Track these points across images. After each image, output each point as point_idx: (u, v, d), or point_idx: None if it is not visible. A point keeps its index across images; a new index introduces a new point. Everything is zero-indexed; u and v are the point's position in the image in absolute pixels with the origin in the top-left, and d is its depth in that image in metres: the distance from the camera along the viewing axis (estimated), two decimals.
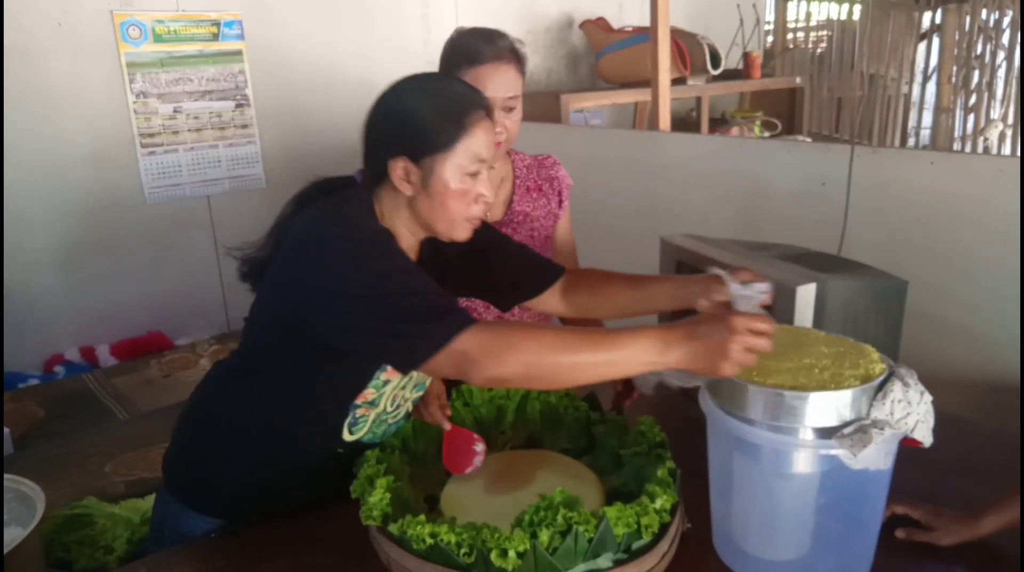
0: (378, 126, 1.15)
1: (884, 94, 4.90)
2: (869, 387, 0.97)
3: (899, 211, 2.33)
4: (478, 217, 1.16)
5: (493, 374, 0.98)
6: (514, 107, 1.51)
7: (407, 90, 1.14)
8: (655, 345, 0.96)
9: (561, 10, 4.41)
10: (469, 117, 1.11)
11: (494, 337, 0.98)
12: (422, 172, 1.11)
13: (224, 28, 3.31)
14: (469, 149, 1.11)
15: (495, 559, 0.95)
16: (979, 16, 4.40)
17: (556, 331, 1.00)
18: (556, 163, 1.73)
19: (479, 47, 1.48)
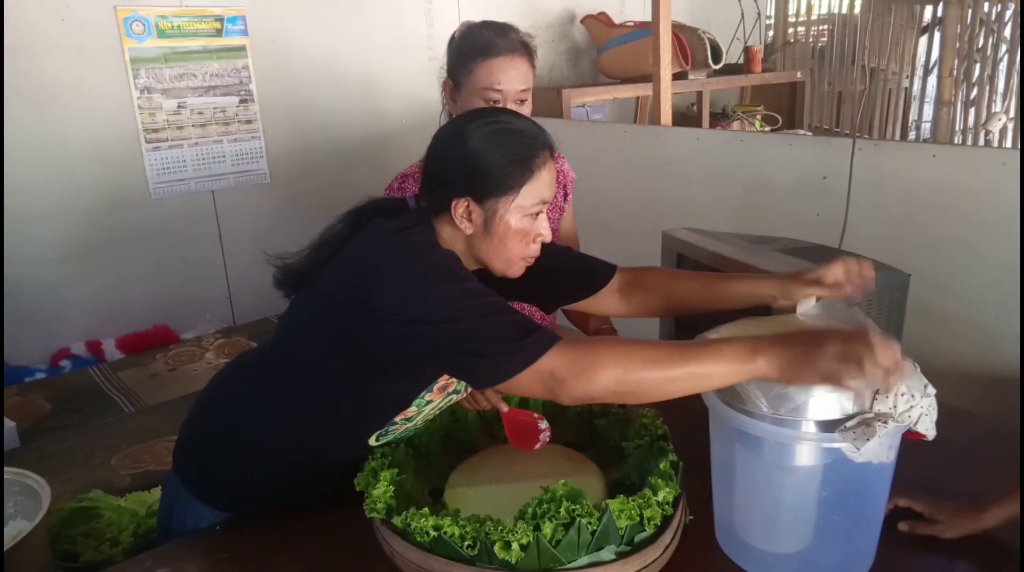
0: (443, 163, 1.14)
1: (885, 88, 4.89)
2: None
3: (901, 204, 2.33)
4: (534, 256, 1.17)
5: (581, 393, 0.98)
6: (526, 99, 1.51)
7: (475, 129, 1.12)
8: (744, 352, 0.95)
9: (563, 5, 4.40)
10: (536, 160, 1.11)
11: (581, 355, 0.97)
12: (485, 213, 1.11)
13: (228, 24, 3.31)
14: (534, 192, 1.12)
15: (498, 551, 0.96)
16: (981, 9, 4.39)
17: (642, 346, 0.99)
18: (560, 157, 1.73)
19: (493, 39, 1.49)
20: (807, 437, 0.99)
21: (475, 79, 1.49)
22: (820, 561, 1.06)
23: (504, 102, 1.48)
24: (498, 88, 1.47)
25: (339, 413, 1.17)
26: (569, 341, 0.99)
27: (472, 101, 1.50)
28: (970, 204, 2.19)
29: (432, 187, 1.16)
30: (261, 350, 1.29)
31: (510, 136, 1.12)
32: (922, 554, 1.10)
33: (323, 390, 1.16)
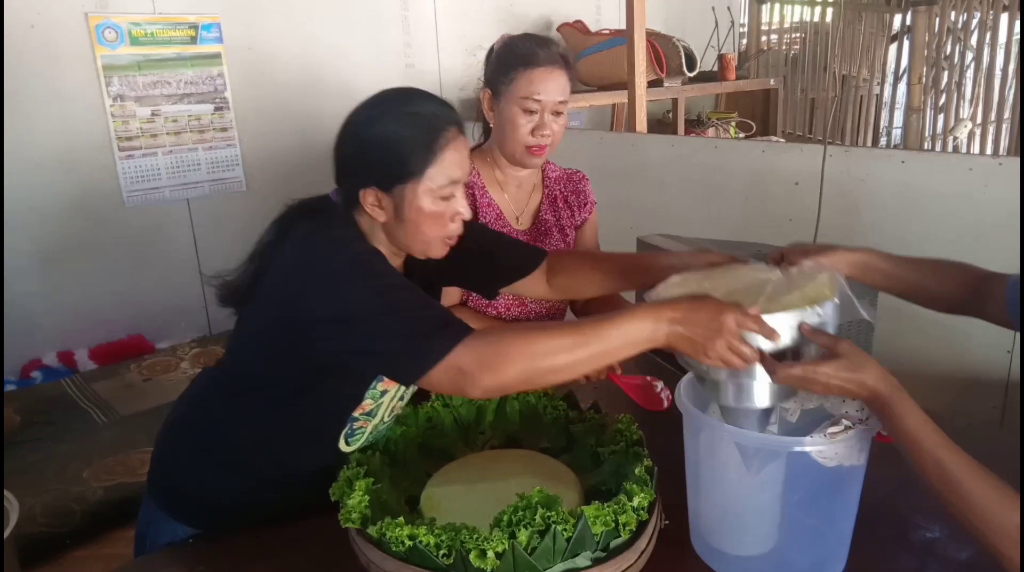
0: (345, 154, 1.14)
1: (856, 95, 4.97)
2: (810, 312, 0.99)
3: (871, 209, 2.37)
4: (455, 235, 1.17)
5: (490, 385, 0.98)
6: (562, 112, 1.52)
7: (373, 116, 1.12)
8: (645, 327, 0.98)
9: (539, 13, 4.43)
10: (439, 141, 1.09)
11: (487, 348, 0.98)
12: (394, 200, 1.10)
13: (202, 31, 3.29)
14: (441, 173, 1.10)
15: (474, 560, 0.96)
16: (948, 18, 4.48)
17: (548, 331, 1.01)
18: (584, 179, 1.76)
19: (535, 50, 1.49)
20: (777, 443, 1.00)
21: (515, 88, 1.50)
22: (793, 564, 1.07)
23: (542, 112, 1.50)
24: (537, 98, 1.49)
25: (299, 420, 1.18)
26: (479, 334, 0.99)
27: (510, 110, 1.51)
28: (939, 208, 2.24)
29: (341, 180, 1.16)
30: (221, 366, 1.29)
31: (409, 120, 1.10)
32: (895, 555, 1.12)
33: (279, 400, 1.17)
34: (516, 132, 1.51)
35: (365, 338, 1.02)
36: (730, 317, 0.96)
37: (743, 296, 1.03)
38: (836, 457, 0.97)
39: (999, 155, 4.21)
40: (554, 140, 1.54)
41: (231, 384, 1.23)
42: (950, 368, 2.21)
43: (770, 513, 1.05)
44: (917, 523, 1.17)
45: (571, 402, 1.37)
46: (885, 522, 1.16)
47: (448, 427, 1.35)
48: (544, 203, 1.68)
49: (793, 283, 1.07)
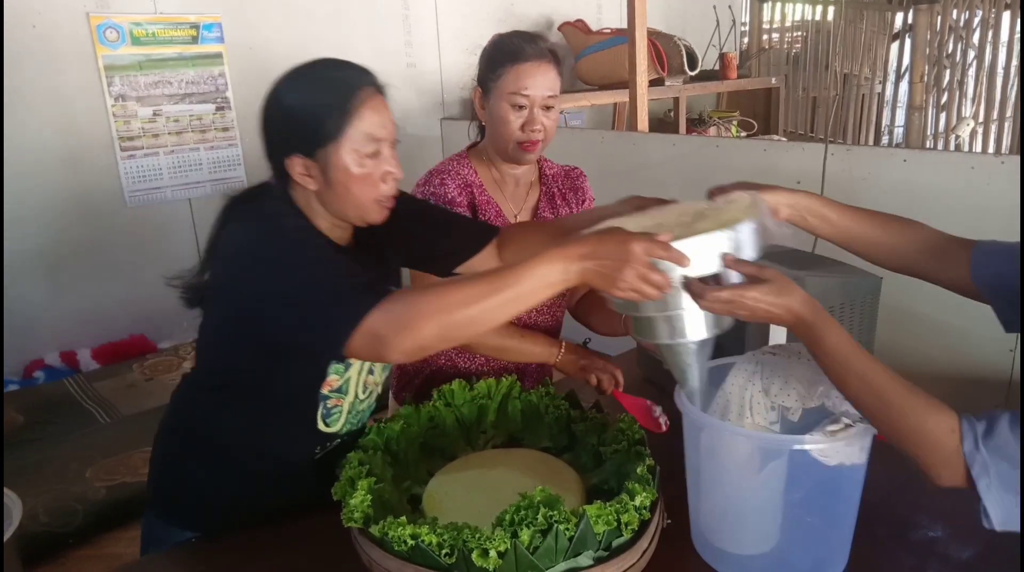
0: (267, 126, 1.14)
1: (858, 93, 4.97)
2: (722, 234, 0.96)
3: (872, 207, 2.36)
4: (389, 196, 1.16)
5: (407, 346, 0.96)
6: (552, 106, 1.52)
7: (288, 84, 1.13)
8: (556, 268, 0.96)
9: (540, 12, 4.43)
10: (353, 100, 1.09)
11: (400, 308, 0.96)
12: (319, 165, 1.11)
13: (203, 31, 3.29)
14: (360, 132, 1.09)
15: (476, 559, 0.96)
16: (950, 16, 4.47)
17: (458, 284, 1.00)
18: (582, 175, 1.75)
19: (521, 46, 1.49)
20: (778, 442, 1.00)
21: (503, 84, 1.50)
22: (794, 563, 1.07)
23: (531, 107, 1.49)
24: (525, 93, 1.48)
25: (271, 407, 1.19)
26: (393, 296, 0.97)
27: (500, 106, 1.50)
28: (940, 207, 2.23)
29: (270, 156, 1.16)
30: (195, 366, 1.31)
31: (323, 82, 1.12)
32: (895, 554, 1.12)
33: (248, 389, 1.18)
34: (506, 128, 1.51)
35: (292, 314, 1.02)
36: (637, 246, 0.93)
37: (668, 227, 1.01)
38: (836, 455, 0.97)
39: (1001, 153, 4.20)
40: (546, 135, 1.53)
41: (204, 382, 1.26)
42: (952, 367, 2.20)
43: (771, 512, 1.05)
44: (917, 522, 1.17)
45: (573, 401, 1.37)
46: (885, 522, 1.16)
47: (450, 426, 1.35)
48: (542, 200, 1.68)
49: (716, 211, 1.05)
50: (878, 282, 1.52)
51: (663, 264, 0.95)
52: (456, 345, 1.25)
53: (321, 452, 1.27)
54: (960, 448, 0.85)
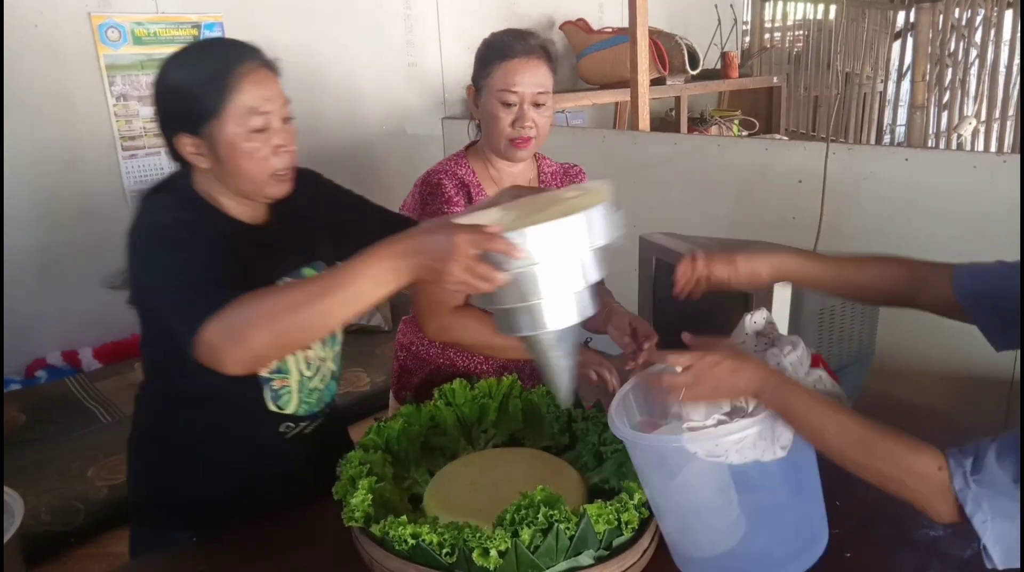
0: (156, 107, 1.14)
1: (860, 92, 4.96)
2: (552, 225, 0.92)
3: (874, 207, 2.37)
4: (284, 169, 1.15)
5: (240, 357, 0.94)
6: (543, 103, 1.51)
7: (170, 64, 1.13)
8: (385, 266, 0.93)
9: (541, 11, 4.42)
10: (232, 74, 1.09)
11: (230, 317, 0.93)
12: (207, 142, 1.11)
13: (205, 30, 3.29)
14: (242, 106, 1.09)
15: (477, 558, 0.96)
16: (952, 15, 4.46)
17: (287, 288, 0.99)
18: (581, 173, 1.73)
19: (510, 43, 1.50)
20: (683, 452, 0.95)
21: (493, 81, 1.50)
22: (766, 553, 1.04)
23: (521, 104, 1.48)
24: (514, 90, 1.48)
25: (214, 394, 1.18)
26: (230, 304, 0.94)
27: (491, 103, 1.50)
28: (942, 206, 2.23)
29: (164, 138, 1.16)
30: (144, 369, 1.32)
31: (199, 60, 1.12)
32: (896, 553, 1.12)
33: (186, 380, 1.16)
34: (497, 125, 1.50)
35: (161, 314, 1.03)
36: (461, 237, 0.90)
37: (523, 216, 0.99)
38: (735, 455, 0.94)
39: (1003, 152, 4.20)
40: (539, 133, 1.52)
41: (150, 383, 1.27)
42: (954, 367, 2.20)
43: (714, 511, 1.02)
44: (919, 521, 1.17)
45: (574, 400, 1.36)
46: (886, 521, 1.16)
47: (451, 426, 1.35)
48: None
49: (571, 199, 1.02)
50: None
51: (497, 255, 0.91)
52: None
53: (293, 432, 1.26)
54: (951, 485, 0.84)
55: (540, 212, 1.00)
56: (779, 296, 1.36)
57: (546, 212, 0.98)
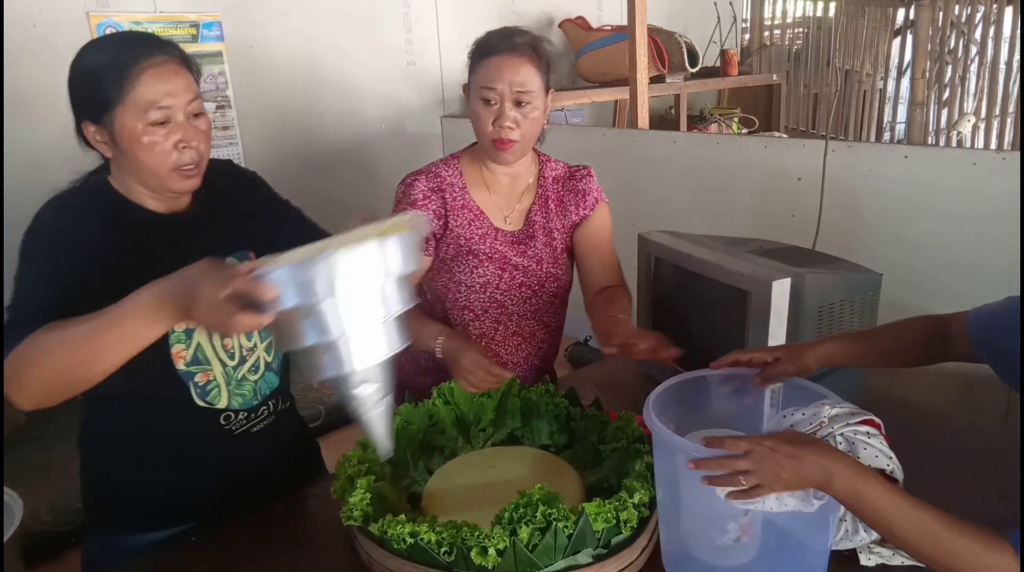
0: (68, 93, 1.14)
1: (859, 89, 4.96)
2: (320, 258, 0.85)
3: (874, 205, 2.36)
4: (188, 165, 1.14)
5: (25, 397, 0.94)
6: (526, 102, 1.45)
7: (81, 51, 1.13)
8: (151, 307, 0.92)
9: (541, 9, 4.42)
10: (135, 66, 1.08)
11: (17, 354, 0.93)
12: (108, 132, 1.11)
13: (203, 29, 3.29)
14: (142, 98, 1.08)
15: (475, 557, 0.96)
16: (952, 11, 4.46)
17: (68, 324, 0.95)
18: (588, 176, 1.65)
19: (495, 40, 1.48)
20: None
21: (476, 79, 1.48)
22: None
23: (500, 102, 1.44)
24: (492, 86, 1.44)
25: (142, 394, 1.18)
26: (30, 335, 0.93)
27: (474, 101, 1.48)
28: (942, 204, 2.23)
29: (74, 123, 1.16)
30: None
31: (106, 49, 1.12)
32: None
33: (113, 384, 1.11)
34: (479, 124, 1.47)
35: None
36: (208, 280, 0.87)
37: (327, 246, 0.92)
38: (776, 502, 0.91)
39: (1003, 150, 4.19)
40: (524, 134, 1.47)
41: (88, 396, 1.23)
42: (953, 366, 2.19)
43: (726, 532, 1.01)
44: None
45: (572, 399, 1.37)
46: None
47: (449, 424, 1.35)
48: (536, 204, 1.61)
49: (369, 230, 0.96)
50: (878, 279, 1.52)
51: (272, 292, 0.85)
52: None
53: (240, 428, 1.25)
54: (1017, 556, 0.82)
55: (334, 247, 0.92)
56: (777, 292, 1.36)
57: (330, 246, 0.91)
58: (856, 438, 1.02)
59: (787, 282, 1.36)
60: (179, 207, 1.21)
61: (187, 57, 1.15)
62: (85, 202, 1.15)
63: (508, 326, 1.60)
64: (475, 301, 1.57)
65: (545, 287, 1.60)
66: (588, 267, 1.64)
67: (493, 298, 1.57)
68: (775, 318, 1.36)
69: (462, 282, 1.55)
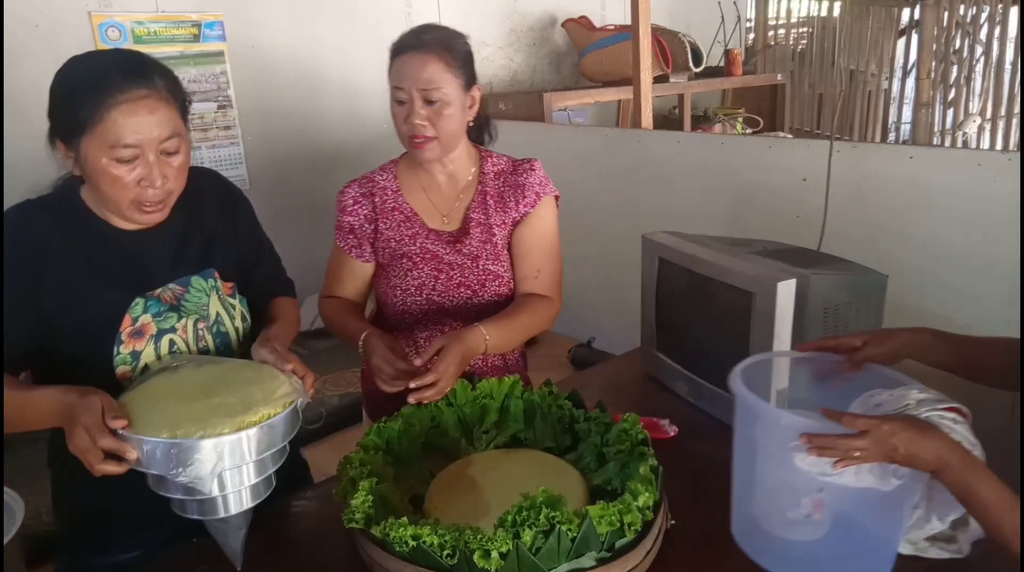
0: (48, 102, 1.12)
1: (864, 90, 4.95)
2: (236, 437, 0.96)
3: (879, 205, 2.35)
4: (151, 202, 1.13)
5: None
6: (436, 99, 1.42)
7: (64, 67, 1.11)
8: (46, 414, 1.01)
9: (544, 9, 4.41)
10: (107, 99, 1.05)
11: None
12: (75, 154, 1.09)
13: (205, 29, 3.29)
14: (109, 133, 1.06)
15: (478, 560, 0.95)
16: (956, 11, 4.44)
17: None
18: (531, 169, 1.57)
19: (404, 39, 1.47)
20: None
21: (390, 79, 1.45)
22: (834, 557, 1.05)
23: (410, 103, 1.42)
24: (399, 85, 1.43)
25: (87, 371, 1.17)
26: None
27: (391, 102, 1.46)
28: (947, 204, 2.22)
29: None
30: None
31: (86, 71, 1.09)
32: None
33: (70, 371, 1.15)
34: (396, 123, 1.46)
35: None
36: (81, 424, 0.94)
37: (202, 402, 1.01)
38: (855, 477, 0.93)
39: (1008, 150, 4.18)
40: (441, 132, 1.44)
41: None
42: None
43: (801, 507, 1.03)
44: None
45: (576, 401, 1.36)
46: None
47: (452, 426, 1.35)
48: (475, 201, 1.56)
49: (254, 396, 1.03)
50: (884, 280, 1.51)
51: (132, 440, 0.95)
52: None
53: None
54: None
55: (204, 403, 1.01)
56: (782, 293, 1.35)
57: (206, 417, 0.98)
58: (941, 422, 1.02)
59: (792, 283, 1.35)
60: (148, 224, 1.20)
61: (174, 88, 1.13)
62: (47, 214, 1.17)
63: (453, 327, 1.56)
64: (413, 304, 1.55)
65: (486, 286, 1.55)
66: (517, 273, 1.57)
67: (431, 300, 1.55)
68: (780, 319, 1.35)
69: (398, 286, 1.54)
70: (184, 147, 1.15)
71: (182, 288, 1.23)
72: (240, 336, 1.29)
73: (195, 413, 0.98)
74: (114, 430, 0.95)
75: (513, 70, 4.34)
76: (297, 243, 1.61)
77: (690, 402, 1.59)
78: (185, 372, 1.10)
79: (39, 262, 1.12)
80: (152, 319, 1.18)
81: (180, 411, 0.98)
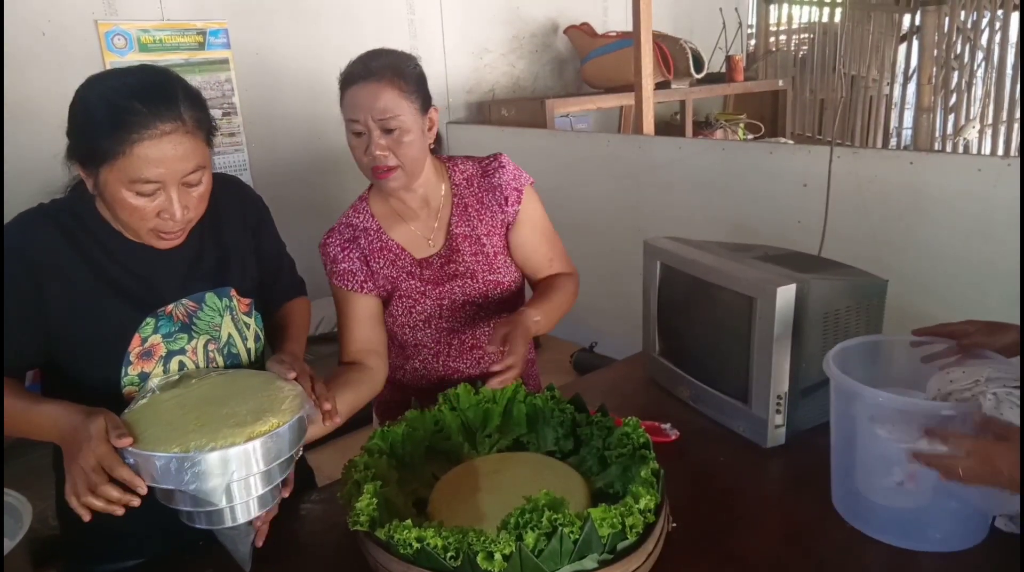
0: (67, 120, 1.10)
1: (865, 95, 4.96)
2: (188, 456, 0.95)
3: (879, 211, 2.36)
4: (170, 231, 1.12)
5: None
6: (394, 128, 1.36)
7: (83, 90, 1.09)
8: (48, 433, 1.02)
9: (546, 15, 4.43)
10: (130, 134, 1.02)
11: None
12: (93, 179, 1.08)
13: (210, 37, 3.31)
14: (130, 167, 1.03)
15: (481, 562, 0.96)
16: (958, 17, 4.46)
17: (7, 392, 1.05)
18: (501, 166, 1.55)
19: (353, 69, 1.39)
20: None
21: (344, 111, 1.39)
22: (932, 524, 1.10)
23: (368, 134, 1.36)
24: (354, 118, 1.36)
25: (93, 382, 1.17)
26: None
27: (347, 134, 1.40)
28: (947, 209, 2.22)
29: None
30: None
31: (110, 100, 1.04)
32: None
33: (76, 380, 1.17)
34: (356, 156, 1.40)
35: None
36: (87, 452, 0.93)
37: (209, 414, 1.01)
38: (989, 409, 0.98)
39: (1009, 155, 4.18)
40: (403, 161, 1.39)
41: None
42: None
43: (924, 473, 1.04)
44: None
45: (578, 405, 1.37)
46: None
47: (455, 430, 1.35)
48: (455, 215, 1.53)
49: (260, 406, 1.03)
50: (884, 285, 1.52)
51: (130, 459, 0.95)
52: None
53: None
54: None
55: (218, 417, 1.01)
56: (783, 298, 1.36)
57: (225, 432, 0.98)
58: (1007, 398, 1.03)
59: (792, 288, 1.36)
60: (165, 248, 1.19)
61: (201, 118, 1.09)
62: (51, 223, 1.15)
63: (464, 340, 1.60)
64: (425, 337, 1.58)
65: (489, 296, 1.56)
66: (531, 267, 1.60)
67: (440, 327, 1.57)
68: (780, 324, 1.36)
69: (405, 324, 1.55)
70: (207, 177, 1.12)
71: (195, 304, 1.21)
72: (252, 357, 1.28)
73: (204, 425, 0.99)
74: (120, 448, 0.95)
75: (515, 76, 4.36)
76: (301, 249, 1.61)
77: (691, 406, 1.60)
78: (190, 384, 1.10)
79: (40, 275, 1.10)
80: (162, 340, 1.17)
81: (188, 424, 0.99)
